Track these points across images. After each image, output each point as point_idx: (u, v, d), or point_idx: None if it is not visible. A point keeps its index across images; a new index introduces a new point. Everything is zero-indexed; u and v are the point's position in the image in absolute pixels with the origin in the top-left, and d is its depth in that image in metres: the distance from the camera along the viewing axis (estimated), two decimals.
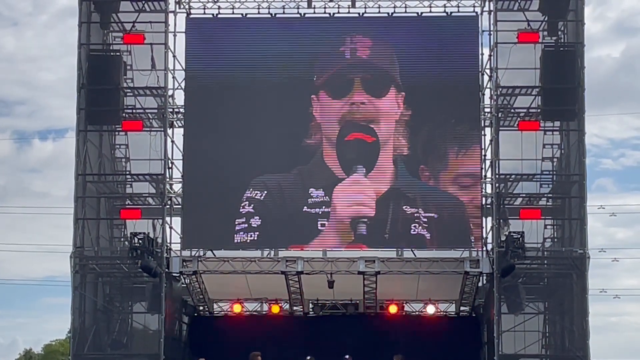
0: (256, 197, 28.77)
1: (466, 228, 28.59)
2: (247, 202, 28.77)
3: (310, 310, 31.70)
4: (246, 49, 29.31)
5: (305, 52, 29.27)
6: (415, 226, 28.51)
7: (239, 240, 28.74)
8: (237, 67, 29.26)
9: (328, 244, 28.84)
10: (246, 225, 28.69)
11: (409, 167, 28.88)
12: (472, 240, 28.54)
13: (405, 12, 29.79)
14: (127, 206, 29.39)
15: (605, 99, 73.92)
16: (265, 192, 28.79)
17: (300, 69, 29.23)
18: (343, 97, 29.12)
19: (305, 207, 28.73)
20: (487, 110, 29.35)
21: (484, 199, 28.91)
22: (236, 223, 28.69)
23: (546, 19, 29.11)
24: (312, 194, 28.79)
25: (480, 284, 29.84)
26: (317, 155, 29.03)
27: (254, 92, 29.13)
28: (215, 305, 32.41)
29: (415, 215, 28.57)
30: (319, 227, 28.63)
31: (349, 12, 29.87)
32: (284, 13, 29.91)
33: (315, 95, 29.19)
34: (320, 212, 28.73)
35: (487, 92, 29.53)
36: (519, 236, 27.16)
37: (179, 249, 29.14)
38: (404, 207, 28.62)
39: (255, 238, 28.72)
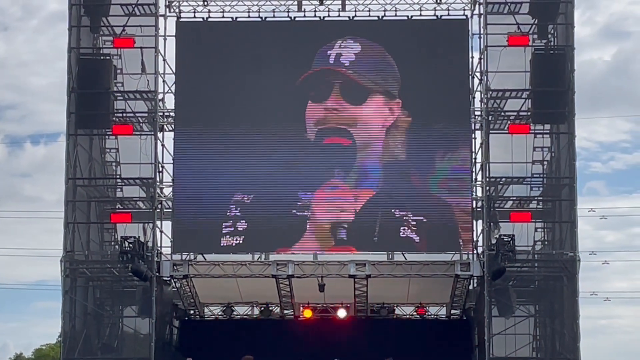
0: (243, 200, 28.74)
1: (455, 231, 28.59)
2: (234, 206, 28.74)
3: (301, 313, 31.64)
4: (236, 52, 29.28)
5: (295, 55, 29.24)
6: (404, 229, 28.49)
7: (225, 244, 28.73)
8: (227, 70, 29.22)
9: (310, 248, 28.84)
10: (232, 228, 28.68)
11: (398, 170, 28.86)
12: (461, 244, 28.54)
13: (396, 15, 29.76)
14: (118, 210, 29.34)
15: (595, 102, 73.78)
16: (253, 195, 28.76)
17: (290, 72, 29.21)
18: (322, 101, 29.08)
19: (294, 210, 28.71)
20: (478, 113, 29.36)
21: (474, 202, 28.92)
22: (223, 226, 28.68)
23: (536, 22, 29.14)
24: (302, 197, 28.77)
25: (471, 287, 29.83)
26: (305, 158, 28.98)
27: (244, 96, 29.08)
28: (206, 309, 32.34)
29: (404, 218, 28.56)
30: (305, 230, 28.66)
31: (339, 16, 29.86)
32: (274, 17, 29.91)
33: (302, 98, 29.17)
34: (308, 215, 28.77)
35: (478, 95, 29.54)
36: (510, 239, 27.17)
37: (170, 252, 29.10)
38: (392, 210, 28.59)
39: (241, 241, 28.71)
